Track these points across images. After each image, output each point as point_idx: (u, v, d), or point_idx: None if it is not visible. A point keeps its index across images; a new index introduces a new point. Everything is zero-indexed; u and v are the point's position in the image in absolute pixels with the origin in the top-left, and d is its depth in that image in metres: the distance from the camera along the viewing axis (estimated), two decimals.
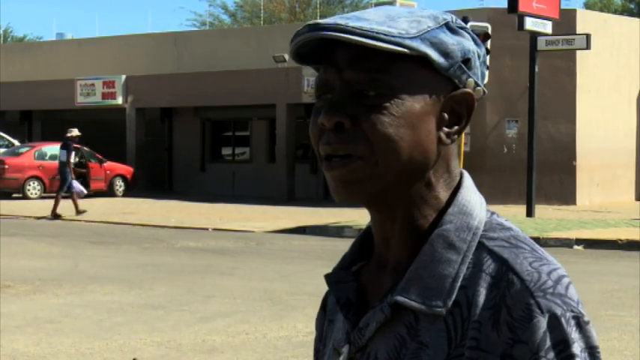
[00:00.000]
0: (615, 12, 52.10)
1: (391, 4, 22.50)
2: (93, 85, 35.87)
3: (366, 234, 1.60)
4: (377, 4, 30.20)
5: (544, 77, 25.33)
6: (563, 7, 24.61)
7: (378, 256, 1.55)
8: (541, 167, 24.94)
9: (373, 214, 1.53)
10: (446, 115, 1.48)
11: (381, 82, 1.44)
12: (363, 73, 1.44)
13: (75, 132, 24.87)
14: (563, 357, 1.36)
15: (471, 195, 1.51)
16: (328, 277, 1.58)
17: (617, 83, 30.21)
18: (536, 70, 22.88)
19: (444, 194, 1.50)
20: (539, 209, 24.01)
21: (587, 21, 28.79)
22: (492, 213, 1.51)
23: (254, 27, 45.01)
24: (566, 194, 28.43)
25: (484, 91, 1.53)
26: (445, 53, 1.46)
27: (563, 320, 1.37)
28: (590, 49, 23.60)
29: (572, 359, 1.36)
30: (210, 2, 63.49)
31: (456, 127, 1.50)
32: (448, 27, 1.48)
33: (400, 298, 1.45)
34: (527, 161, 23.32)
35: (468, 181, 1.53)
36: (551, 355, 1.35)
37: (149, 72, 35.76)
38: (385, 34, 1.42)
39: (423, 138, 1.46)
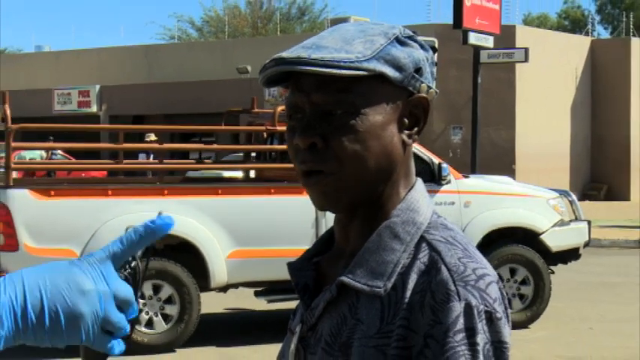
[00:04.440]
0: (551, 28, 52.10)
1: (346, 20, 22.44)
2: (69, 94, 35.60)
3: (331, 231, 1.62)
4: (333, 20, 29.70)
5: (486, 88, 25.47)
6: (503, 23, 24.61)
7: (338, 247, 1.58)
8: (483, 170, 23.72)
9: (339, 214, 1.56)
10: (405, 120, 1.52)
11: (345, 102, 1.47)
12: (328, 96, 1.47)
13: (152, 136, 22.88)
14: (468, 343, 1.39)
15: (420, 196, 1.55)
16: (290, 265, 1.60)
17: (553, 93, 30.72)
18: (479, 81, 22.86)
19: (403, 192, 1.54)
20: None
21: (525, 36, 29.16)
22: (439, 216, 1.54)
23: (219, 41, 44.80)
24: None
25: (436, 92, 1.56)
26: (398, 67, 1.49)
27: (475, 311, 1.40)
28: (528, 61, 23.77)
29: (474, 347, 1.39)
30: (178, 18, 62.68)
31: (415, 129, 1.54)
32: (398, 40, 1.52)
33: (345, 279, 1.48)
34: (471, 165, 23.36)
35: (420, 184, 1.57)
36: (459, 337, 1.39)
37: (122, 82, 35.58)
38: (344, 61, 1.45)
39: (388, 145, 1.50)
